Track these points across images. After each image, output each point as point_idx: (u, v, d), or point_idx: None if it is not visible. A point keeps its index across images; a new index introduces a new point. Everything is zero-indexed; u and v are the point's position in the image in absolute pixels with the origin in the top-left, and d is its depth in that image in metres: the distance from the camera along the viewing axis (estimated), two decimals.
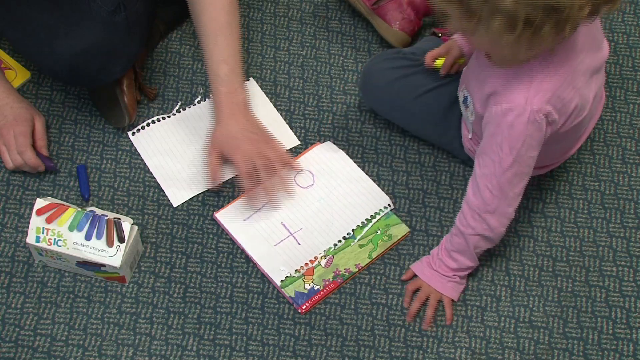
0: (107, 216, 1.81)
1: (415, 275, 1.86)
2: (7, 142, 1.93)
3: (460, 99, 1.84)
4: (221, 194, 1.97)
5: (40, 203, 1.81)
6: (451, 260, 1.81)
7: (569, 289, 1.89)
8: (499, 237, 1.78)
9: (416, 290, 1.86)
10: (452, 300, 1.84)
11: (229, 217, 1.93)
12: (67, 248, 1.79)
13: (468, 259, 1.80)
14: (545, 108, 1.63)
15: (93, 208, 1.85)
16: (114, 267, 1.80)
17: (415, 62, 1.98)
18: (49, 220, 1.80)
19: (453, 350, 1.82)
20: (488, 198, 1.72)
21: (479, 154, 1.72)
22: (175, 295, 1.86)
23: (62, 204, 1.83)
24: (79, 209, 1.82)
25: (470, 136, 1.87)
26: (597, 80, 1.76)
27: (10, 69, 2.08)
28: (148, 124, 2.05)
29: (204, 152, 1.96)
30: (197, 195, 1.97)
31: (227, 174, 1.99)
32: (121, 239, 1.79)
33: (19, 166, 1.94)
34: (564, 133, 1.74)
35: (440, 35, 2.10)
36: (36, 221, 1.80)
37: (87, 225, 1.80)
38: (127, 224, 1.80)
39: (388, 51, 2.04)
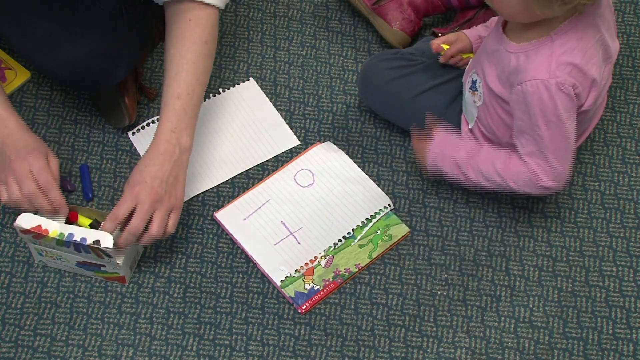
0: (86, 240, 1.72)
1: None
2: (19, 174, 1.73)
3: (468, 85, 1.84)
4: (221, 194, 1.97)
5: (19, 227, 1.73)
6: (463, 172, 1.81)
7: (569, 289, 1.89)
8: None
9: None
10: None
11: (229, 217, 1.93)
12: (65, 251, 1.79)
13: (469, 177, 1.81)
14: (569, 80, 1.65)
15: (70, 229, 1.73)
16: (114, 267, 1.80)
17: (413, 62, 1.98)
18: (36, 238, 1.76)
19: (453, 350, 1.82)
20: (540, 174, 1.73)
21: (518, 133, 1.73)
22: (175, 295, 1.86)
23: (40, 227, 1.73)
24: (58, 233, 1.72)
25: (470, 126, 1.87)
26: (607, 69, 1.76)
27: (10, 69, 2.08)
28: (148, 124, 2.05)
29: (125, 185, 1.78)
30: (197, 195, 1.97)
31: (226, 174, 1.99)
32: (109, 257, 1.76)
33: (28, 197, 1.73)
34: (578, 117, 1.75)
35: (439, 35, 2.10)
36: (24, 236, 1.77)
37: (72, 248, 1.75)
38: (109, 247, 1.71)
39: (386, 51, 2.04)
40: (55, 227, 1.73)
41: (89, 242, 1.72)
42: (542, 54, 1.65)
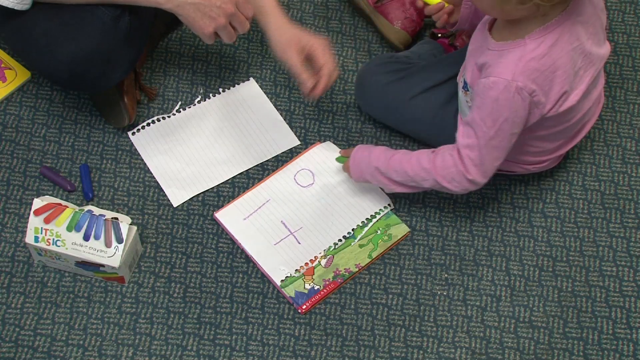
0: (105, 216, 1.81)
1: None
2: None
3: (461, 85, 1.85)
4: (221, 193, 1.97)
5: (37, 203, 1.81)
6: (388, 176, 1.85)
7: (569, 289, 1.89)
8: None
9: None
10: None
11: (229, 217, 1.93)
12: (66, 248, 1.79)
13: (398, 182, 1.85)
14: (530, 86, 1.67)
15: (91, 207, 1.85)
16: (113, 268, 1.80)
17: (408, 65, 1.99)
18: (47, 221, 1.80)
19: (453, 350, 1.82)
20: (469, 166, 1.76)
21: (465, 124, 1.76)
22: (175, 295, 1.86)
23: (60, 204, 1.83)
24: (77, 209, 1.82)
25: None
26: (591, 75, 1.76)
27: (10, 69, 2.09)
28: (148, 124, 2.05)
29: (280, 56, 1.93)
30: (197, 195, 1.97)
31: (226, 174, 1.99)
32: (119, 240, 1.79)
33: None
34: (552, 121, 1.76)
35: (439, 35, 2.10)
36: (34, 221, 1.80)
37: (85, 225, 1.80)
38: (125, 225, 1.80)
39: (381, 56, 2.05)
40: (71, 206, 1.81)
41: (108, 216, 1.80)
42: (512, 55, 1.68)
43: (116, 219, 1.81)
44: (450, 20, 1.90)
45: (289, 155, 2.02)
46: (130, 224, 1.83)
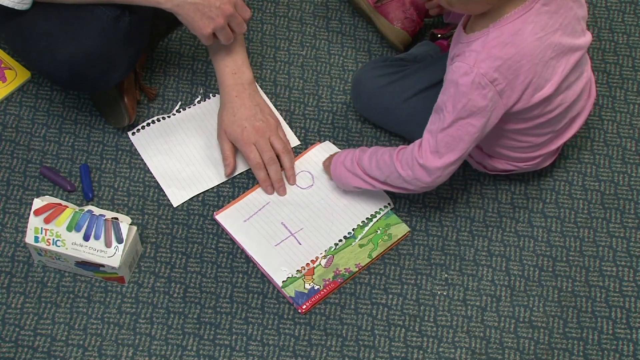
0: (105, 216, 1.81)
1: None
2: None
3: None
4: (221, 193, 1.97)
5: (37, 203, 1.81)
6: (366, 173, 1.86)
7: (569, 289, 1.89)
8: (414, 189, 1.82)
9: None
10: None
11: (229, 218, 1.93)
12: (66, 248, 1.79)
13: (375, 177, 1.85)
14: (491, 74, 1.67)
15: (91, 207, 1.85)
16: (113, 268, 1.80)
17: (402, 67, 1.99)
18: (47, 221, 1.80)
19: (453, 350, 1.82)
20: (425, 150, 1.75)
21: (434, 110, 1.77)
22: (175, 295, 1.86)
23: (60, 204, 1.82)
24: (77, 209, 1.82)
25: None
26: (564, 66, 1.74)
27: (10, 69, 2.09)
28: (148, 124, 2.05)
29: (217, 138, 1.98)
30: (197, 195, 1.97)
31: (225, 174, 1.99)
32: (119, 240, 1.79)
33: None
34: (528, 113, 1.75)
35: (439, 35, 2.10)
36: (34, 221, 1.80)
37: (85, 225, 1.80)
38: (125, 225, 1.80)
39: (375, 59, 2.05)
40: (71, 206, 1.83)
41: (108, 216, 1.81)
42: (477, 44, 1.69)
43: (116, 219, 1.81)
44: (444, 11, 1.92)
45: None
46: (130, 224, 1.83)
